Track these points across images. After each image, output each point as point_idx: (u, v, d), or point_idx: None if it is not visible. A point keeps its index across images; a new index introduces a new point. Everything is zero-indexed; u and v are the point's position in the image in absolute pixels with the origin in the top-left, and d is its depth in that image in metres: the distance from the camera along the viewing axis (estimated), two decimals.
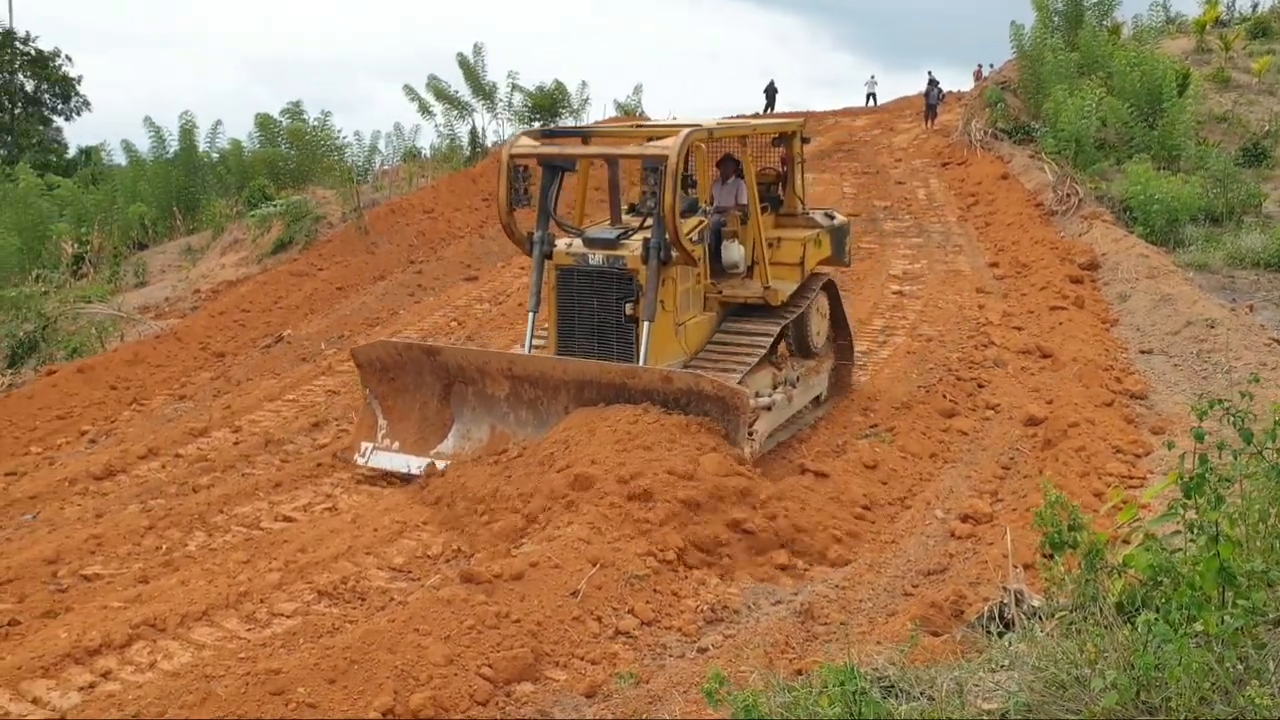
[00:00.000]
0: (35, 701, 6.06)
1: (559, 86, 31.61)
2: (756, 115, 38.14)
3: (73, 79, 53.67)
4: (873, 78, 43.89)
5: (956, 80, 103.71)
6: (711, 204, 11.38)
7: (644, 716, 5.39)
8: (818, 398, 11.67)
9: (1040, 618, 4.95)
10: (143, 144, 28.74)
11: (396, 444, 10.15)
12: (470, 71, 30.82)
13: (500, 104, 31.11)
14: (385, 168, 29.56)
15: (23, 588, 7.88)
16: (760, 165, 11.66)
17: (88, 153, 43.27)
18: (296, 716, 5.43)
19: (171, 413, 13.09)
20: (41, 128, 52.89)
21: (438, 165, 27.53)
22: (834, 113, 38.96)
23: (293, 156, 27.65)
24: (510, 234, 10.52)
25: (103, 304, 18.77)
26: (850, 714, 3.69)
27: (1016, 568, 6.00)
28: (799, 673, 5.49)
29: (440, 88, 30.60)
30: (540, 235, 10.30)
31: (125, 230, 25.39)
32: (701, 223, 10.30)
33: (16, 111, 52.24)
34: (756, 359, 10.03)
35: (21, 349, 17.20)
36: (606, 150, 10.48)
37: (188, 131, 27.77)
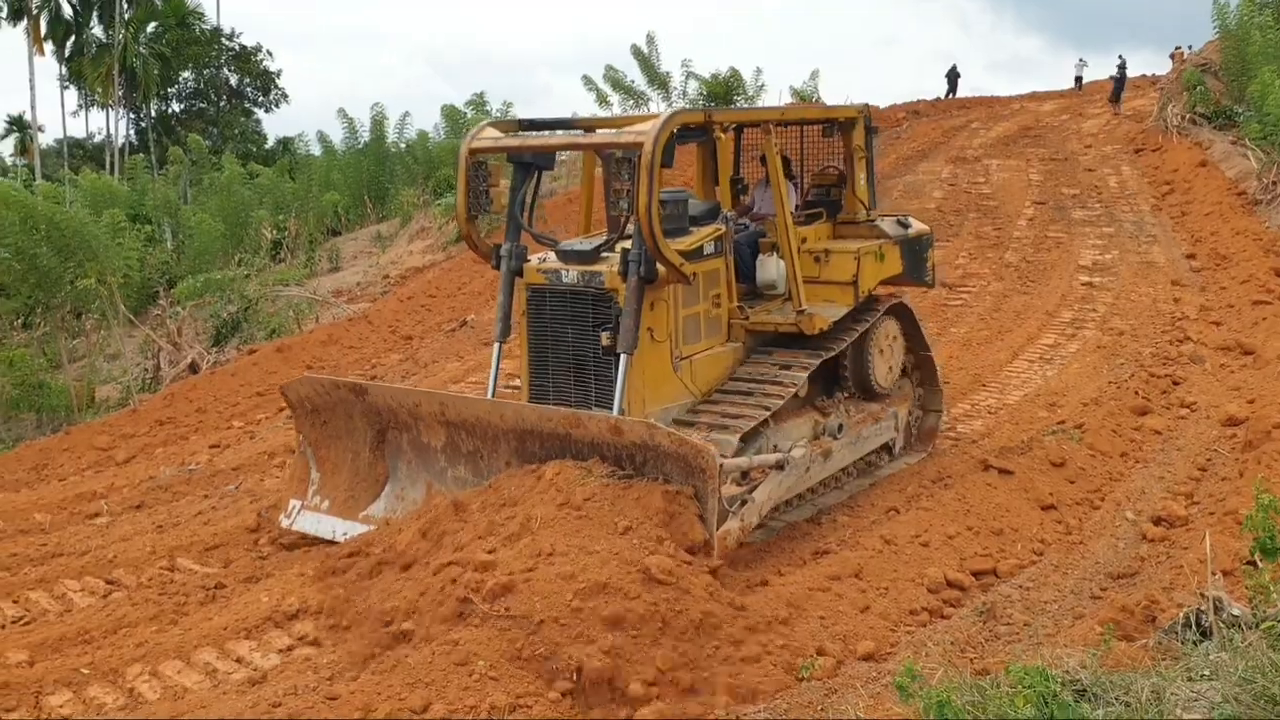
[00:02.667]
0: (239, 661, 6.44)
1: (734, 74, 31.58)
2: (944, 98, 37.24)
3: (273, 73, 56.39)
4: (1082, 60, 42.08)
5: (1151, 64, 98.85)
6: (750, 209, 9.78)
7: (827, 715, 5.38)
8: (888, 448, 9.66)
9: (1242, 627, 4.73)
10: (336, 135, 30.07)
11: (326, 503, 8.41)
12: (645, 61, 31.11)
13: (675, 92, 31.29)
14: (563, 158, 30.10)
15: (227, 554, 8.40)
16: (822, 163, 10.16)
17: (285, 143, 45.50)
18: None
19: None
20: (244, 119, 55.82)
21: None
22: (1019, 97, 37.69)
23: None
24: (472, 245, 8.81)
25: (299, 287, 19.77)
26: (1043, 717, 3.62)
27: (1215, 574, 5.74)
28: (981, 673, 5.40)
29: (617, 78, 31.01)
30: (509, 248, 8.48)
31: (320, 217, 26.63)
32: (719, 232, 8.38)
33: (221, 104, 55.29)
34: (775, 404, 8.05)
35: (225, 329, 18.30)
36: (575, 140, 8.45)
37: (378, 123, 28.91)
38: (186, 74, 54.43)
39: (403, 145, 29.50)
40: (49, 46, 49.13)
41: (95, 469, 11.80)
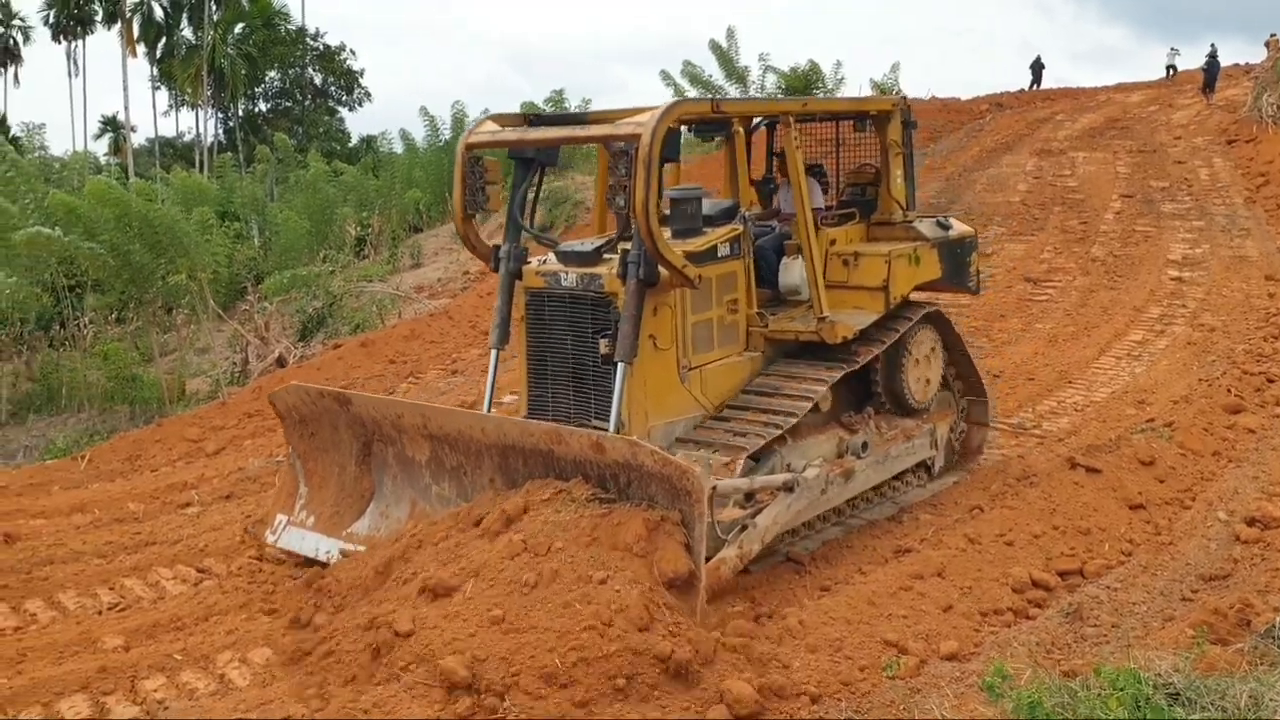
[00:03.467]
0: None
1: (813, 66, 31.37)
2: (1028, 89, 36.59)
3: (355, 72, 57.35)
4: (1174, 49, 40.90)
5: (1244, 52, 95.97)
6: (778, 210, 9.21)
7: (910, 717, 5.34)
8: (926, 467, 9.07)
9: None
10: (418, 133, 30.48)
11: (311, 519, 7.97)
12: (723, 55, 31.04)
13: (753, 86, 31.16)
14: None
15: None
16: (858, 160, 9.60)
17: (368, 141, 46.24)
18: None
19: (444, 386, 13.86)
20: (328, 118, 56.87)
21: (690, 146, 27.84)
22: (1106, 88, 36.88)
23: None
24: (470, 246, 8.36)
25: (382, 283, 20.09)
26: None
27: None
28: (1069, 674, 5.31)
29: (694, 72, 30.98)
30: (508, 249, 8.00)
31: (402, 214, 27.03)
32: (735, 232, 7.88)
33: (306, 103, 56.33)
34: (787, 422, 7.47)
35: (311, 324, 18.66)
36: (572, 134, 7.97)
37: (459, 120, 29.25)
38: (272, 74, 55.61)
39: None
40: (141, 49, 50.54)
41: (186, 460, 12.09)
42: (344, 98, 58.10)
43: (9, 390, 18.98)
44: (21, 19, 55.57)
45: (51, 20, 53.39)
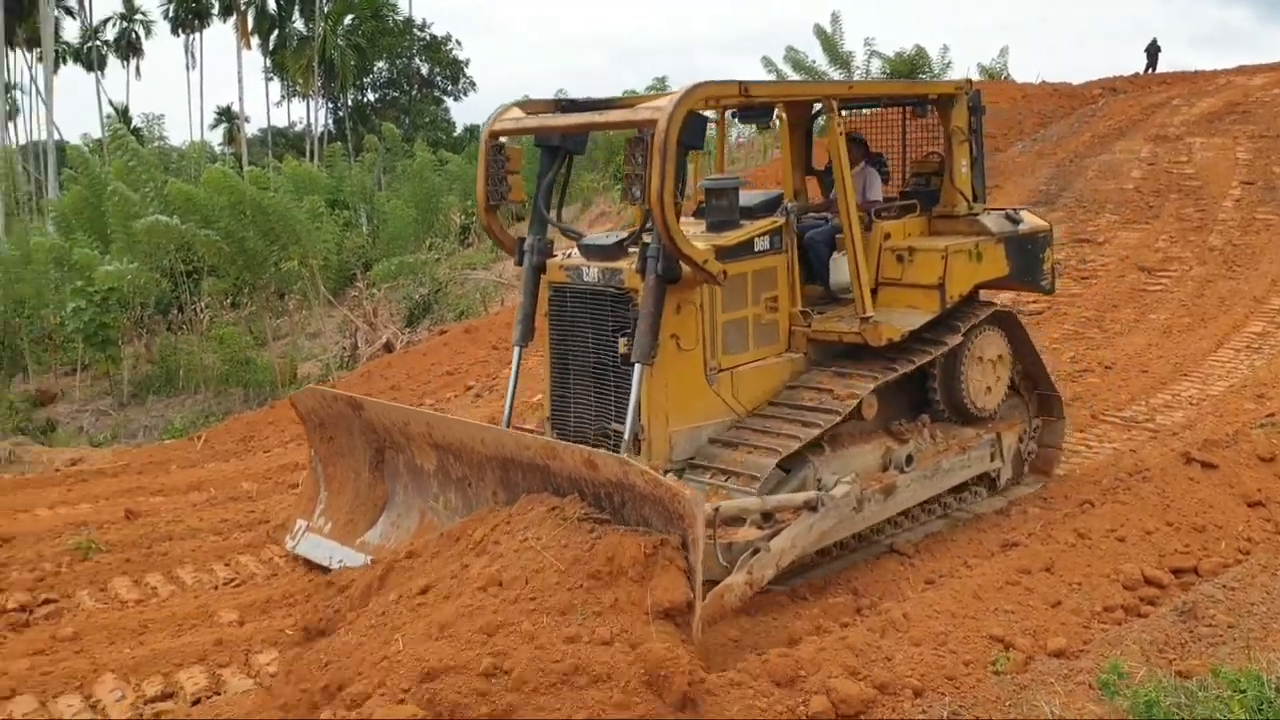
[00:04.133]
0: None
1: (919, 52, 30.85)
2: (1143, 73, 35.49)
3: (461, 62, 58.10)
4: None
5: None
6: (830, 199, 8.64)
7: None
8: (990, 480, 8.49)
9: None
10: None
11: (329, 525, 7.82)
12: (828, 41, 30.71)
13: (857, 71, 30.77)
14: (740, 140, 30.02)
15: None
16: (925, 149, 9.04)
17: (473, 130, 46.85)
18: None
19: (545, 372, 13.98)
20: (433, 107, 57.75)
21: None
22: (1225, 71, 35.55)
23: None
24: (494, 238, 7.98)
25: (485, 271, 20.37)
26: None
27: None
28: (1183, 674, 5.16)
29: (797, 58, 30.73)
30: (532, 241, 7.63)
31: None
32: (775, 225, 7.48)
33: (413, 93, 57.28)
34: (809, 433, 6.97)
35: (418, 310, 19.03)
36: (591, 120, 7.39)
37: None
38: (380, 64, 56.64)
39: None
40: (255, 41, 51.92)
41: (297, 442, 12.41)
42: (449, 87, 58.94)
43: (130, 372, 19.73)
44: (143, 14, 57.43)
45: (171, 14, 55.11)
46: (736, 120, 9.12)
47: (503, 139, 7.58)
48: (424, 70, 58.07)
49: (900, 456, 7.57)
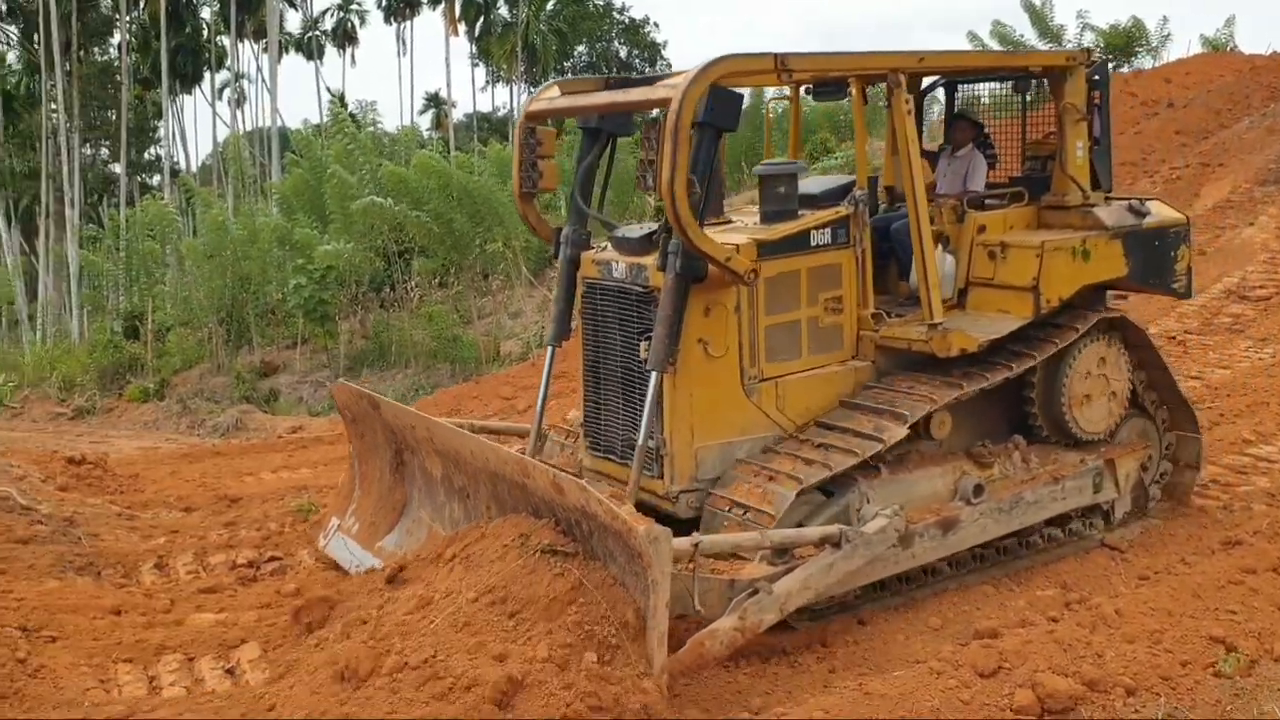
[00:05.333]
0: None
1: (1135, 23, 29.32)
2: None
3: (659, 44, 58.51)
4: None
5: None
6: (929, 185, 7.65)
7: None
8: (1105, 513, 7.34)
9: None
10: None
11: (356, 526, 7.40)
12: (1037, 15, 29.55)
13: (1069, 44, 29.46)
14: (942, 117, 29.27)
15: None
16: (1043, 131, 7.98)
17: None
18: None
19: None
20: None
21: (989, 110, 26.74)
22: None
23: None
24: (532, 228, 7.45)
25: None
26: None
27: None
28: None
29: (1004, 33, 29.69)
30: (568, 232, 7.08)
31: None
32: (838, 215, 6.66)
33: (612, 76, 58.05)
34: (851, 459, 6.15)
35: None
36: (613, 99, 6.74)
37: (756, 91, 29.28)
38: (581, 48, 57.65)
39: (779, 110, 29.74)
40: (462, 27, 53.56)
41: (500, 415, 12.84)
42: (647, 70, 59.42)
43: (346, 346, 20.82)
44: (358, 4, 60.08)
45: (384, 4, 57.43)
46: (811, 96, 8.26)
47: (540, 122, 7.09)
48: (622, 54, 58.78)
49: (968, 486, 6.58)
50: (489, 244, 19.33)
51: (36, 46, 34.23)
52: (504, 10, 53.65)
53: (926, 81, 8.17)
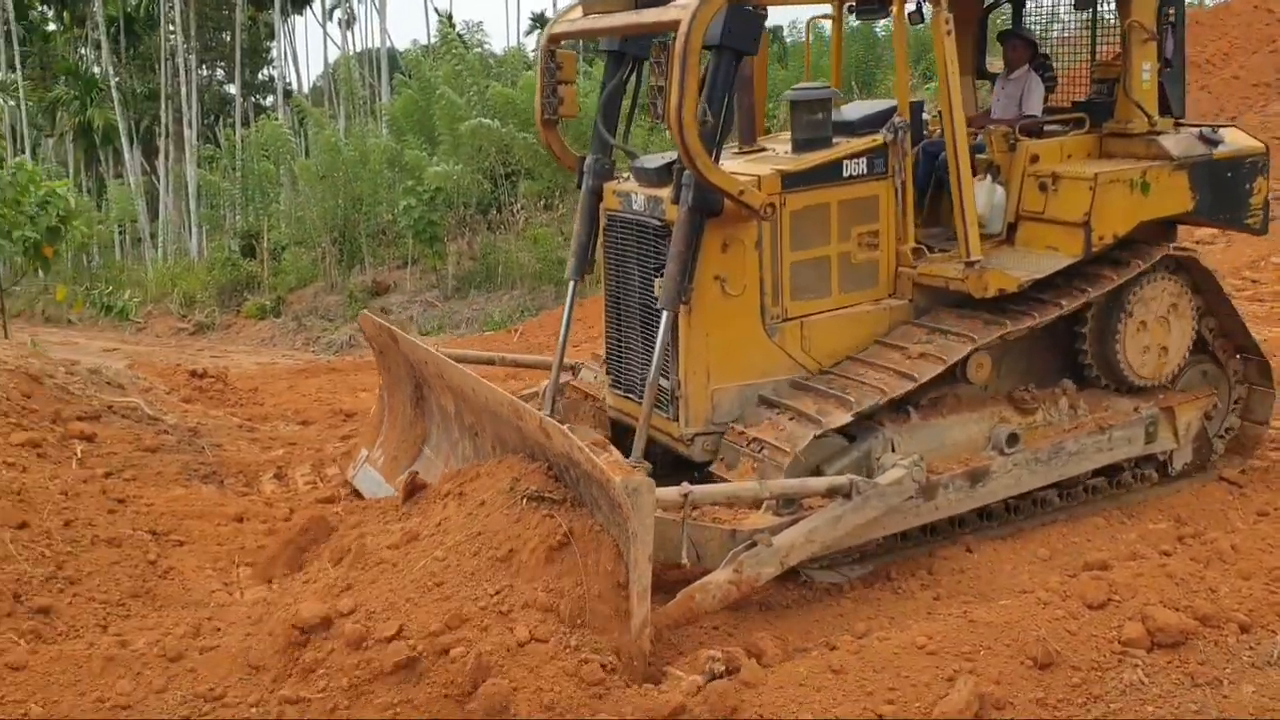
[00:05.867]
0: None
1: None
2: None
3: None
4: None
5: None
6: (984, 113, 7.38)
7: None
8: (1162, 465, 6.89)
9: None
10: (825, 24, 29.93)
11: (381, 459, 7.30)
12: None
13: None
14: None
15: None
16: (1112, 51, 7.27)
17: (774, 32, 46.09)
18: None
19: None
20: None
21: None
22: None
23: None
24: (555, 156, 7.14)
25: None
26: None
27: None
28: None
29: None
30: (590, 162, 6.74)
31: None
32: (874, 144, 6.22)
33: None
34: (873, 400, 5.83)
35: None
36: (630, 21, 6.19)
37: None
38: None
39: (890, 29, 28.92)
40: None
41: (595, 343, 12.96)
42: None
43: (454, 267, 21.11)
44: None
45: None
46: (855, 16, 7.63)
47: (555, 45, 6.74)
48: None
49: (1001, 435, 6.22)
50: None
51: None
52: None
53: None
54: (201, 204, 29.56)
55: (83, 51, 36.09)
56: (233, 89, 38.54)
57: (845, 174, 6.20)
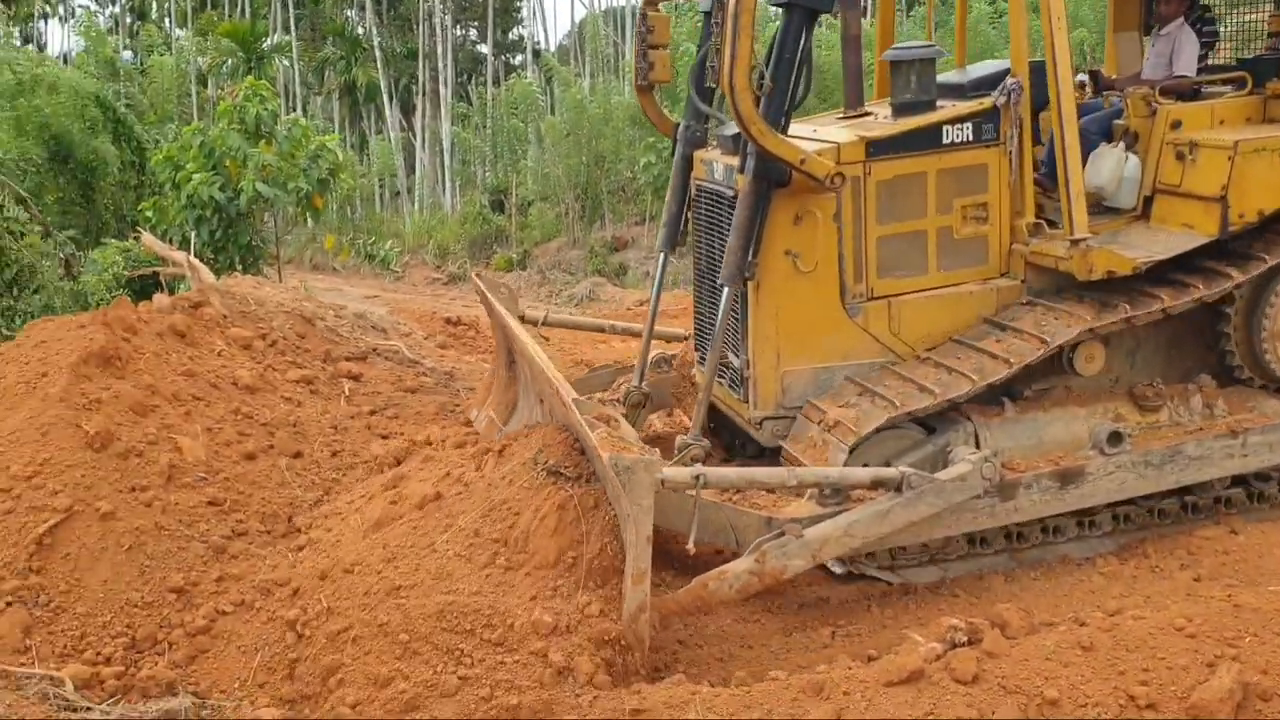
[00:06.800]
0: None
1: None
2: None
3: None
4: None
5: None
6: (1133, 75, 6.62)
7: None
8: None
9: None
10: None
11: (484, 420, 7.11)
12: None
13: None
14: None
15: None
16: None
17: None
18: None
19: None
20: None
21: None
22: None
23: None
24: (654, 123, 6.85)
25: None
26: None
27: None
28: None
29: None
30: (683, 129, 6.41)
31: None
32: (980, 108, 5.76)
33: None
34: (959, 390, 5.34)
35: None
36: None
37: None
38: None
39: None
40: None
41: None
42: None
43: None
44: None
45: None
46: None
47: (658, 7, 6.45)
48: None
49: (1101, 433, 5.57)
50: None
51: None
52: None
53: None
54: (455, 160, 30.85)
55: (348, 13, 38.08)
56: (485, 48, 39.93)
57: (945, 140, 5.74)
